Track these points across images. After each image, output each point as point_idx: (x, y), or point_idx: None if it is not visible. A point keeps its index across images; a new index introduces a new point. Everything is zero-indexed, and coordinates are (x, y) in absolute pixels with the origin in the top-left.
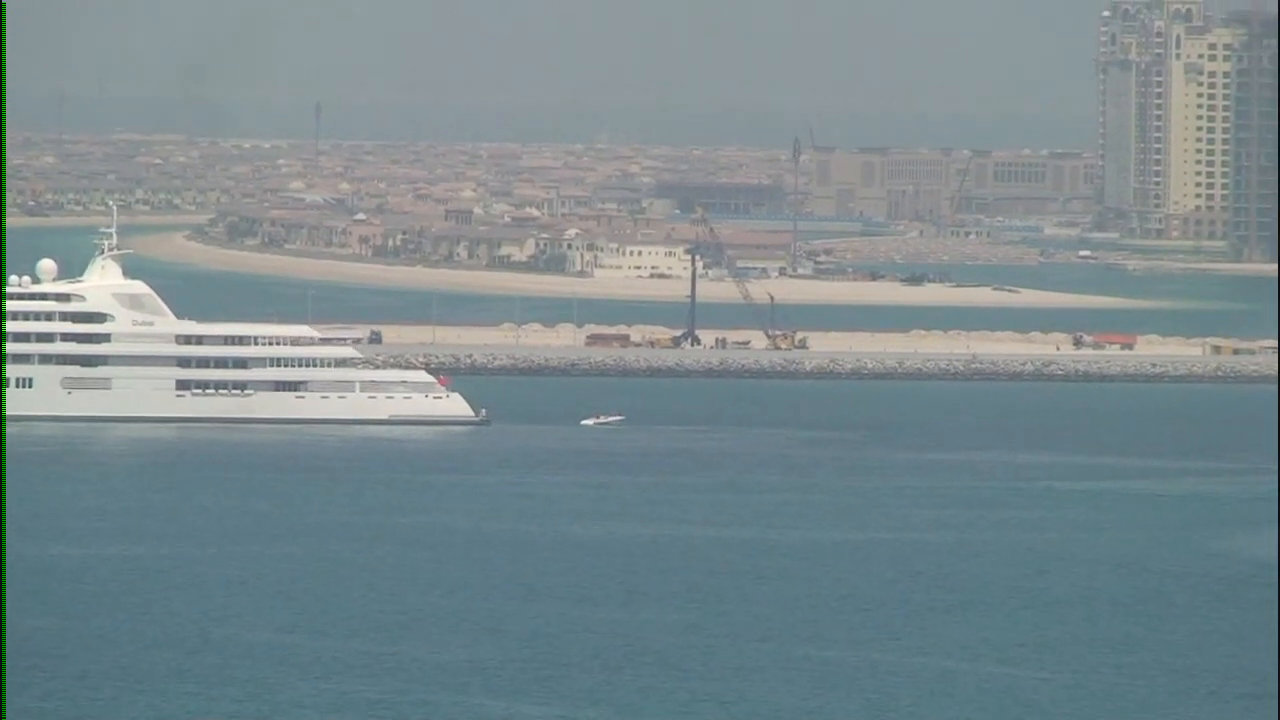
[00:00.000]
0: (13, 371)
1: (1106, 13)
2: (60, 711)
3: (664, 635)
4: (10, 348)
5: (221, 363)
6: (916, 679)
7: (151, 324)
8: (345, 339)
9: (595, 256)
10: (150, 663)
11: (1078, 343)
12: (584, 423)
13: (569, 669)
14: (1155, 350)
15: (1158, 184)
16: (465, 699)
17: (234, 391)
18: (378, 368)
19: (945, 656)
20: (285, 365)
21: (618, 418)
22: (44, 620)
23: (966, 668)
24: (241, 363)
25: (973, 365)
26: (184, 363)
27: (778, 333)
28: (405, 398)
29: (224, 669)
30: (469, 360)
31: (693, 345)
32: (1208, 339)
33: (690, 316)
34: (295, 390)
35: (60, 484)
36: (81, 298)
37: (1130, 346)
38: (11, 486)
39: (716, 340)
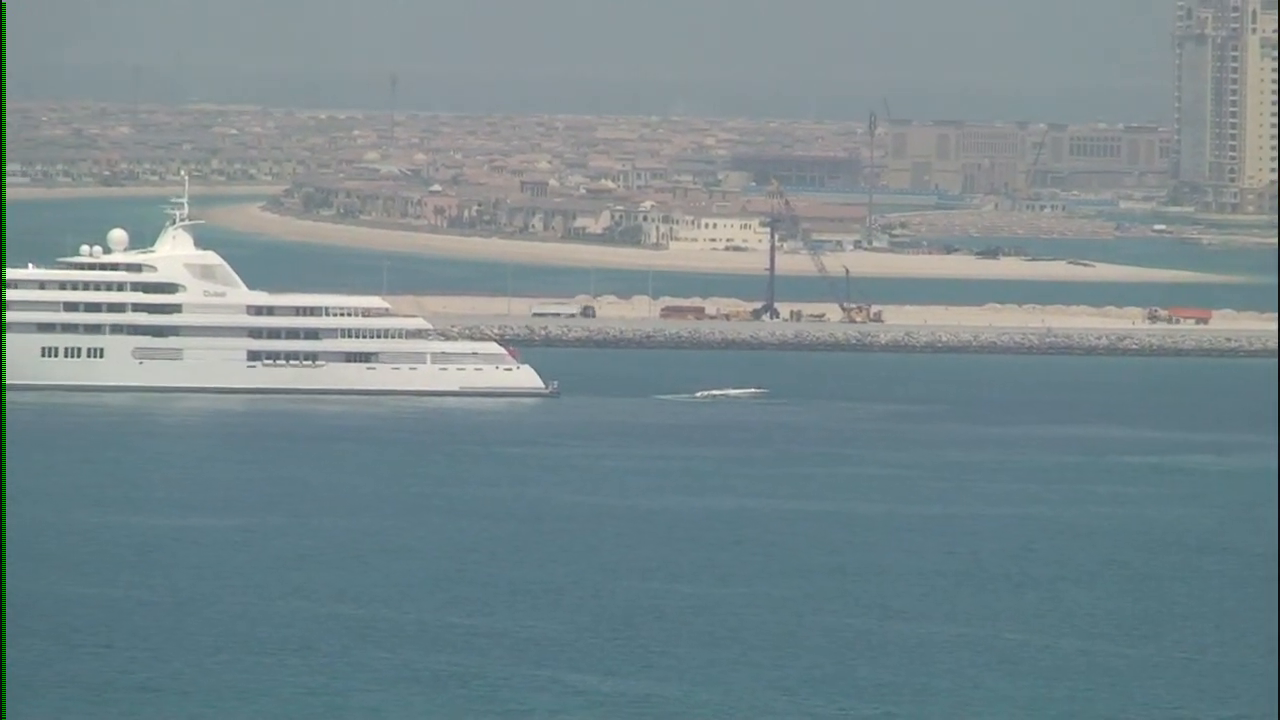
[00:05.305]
0: (84, 342)
1: None
2: (125, 681)
3: (747, 609)
4: (82, 317)
5: (293, 333)
6: (994, 652)
7: (223, 294)
8: (558, 313)
9: (670, 229)
10: (220, 633)
11: (1153, 317)
12: (698, 395)
13: (648, 643)
14: (1230, 325)
15: (1233, 158)
16: (545, 672)
17: (305, 362)
18: (449, 339)
19: (1026, 631)
20: (356, 336)
21: (753, 390)
22: (113, 590)
23: (1057, 643)
24: (313, 333)
25: (1047, 339)
26: (255, 333)
27: (852, 306)
28: (476, 369)
29: (297, 639)
30: (544, 332)
31: (771, 318)
32: None
33: (769, 289)
34: (366, 361)
35: (132, 454)
36: (153, 268)
37: (1205, 321)
38: (83, 457)
39: (791, 313)
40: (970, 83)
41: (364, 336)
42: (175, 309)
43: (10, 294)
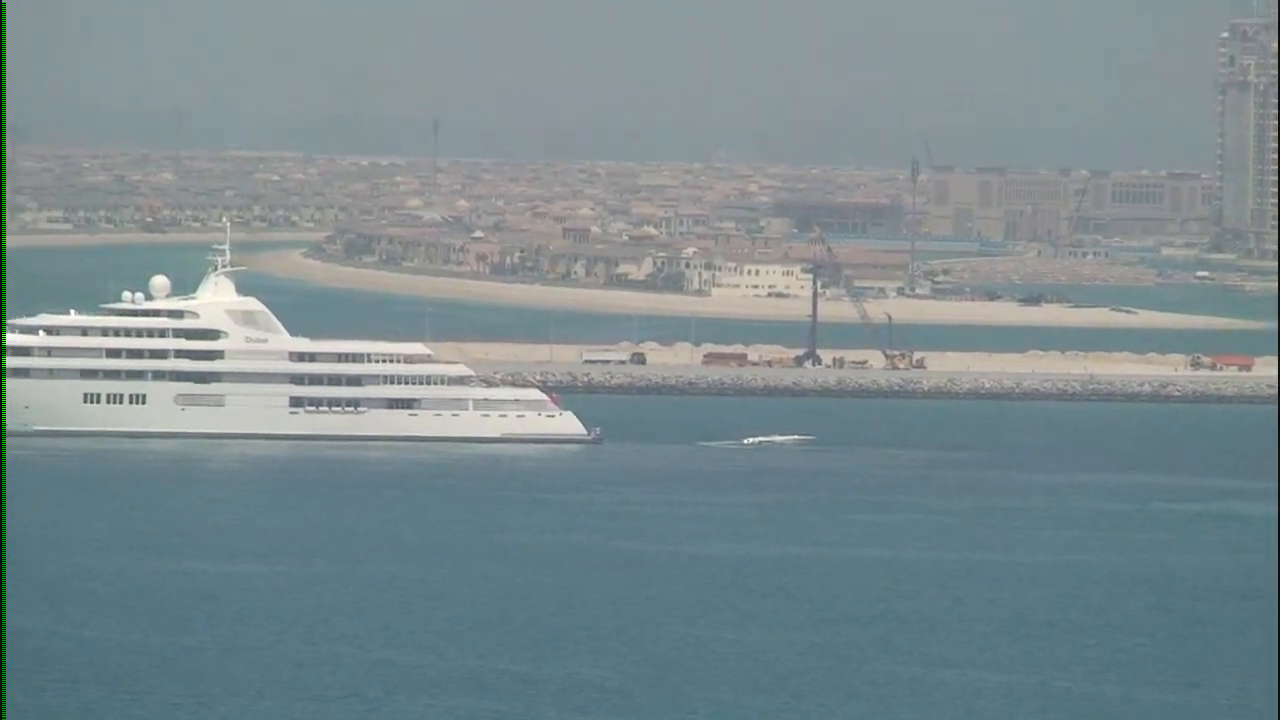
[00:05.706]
0: (126, 388)
1: (1225, 34)
2: None
3: (791, 656)
4: (124, 364)
5: (335, 380)
6: (1040, 699)
7: (265, 341)
8: (608, 360)
9: (713, 275)
10: (266, 679)
11: (1195, 364)
12: (745, 441)
13: (693, 689)
14: (1273, 371)
15: (1275, 205)
16: (591, 719)
17: (347, 409)
18: (491, 385)
19: (1071, 678)
20: (398, 383)
21: (799, 437)
22: (157, 636)
23: (1101, 690)
24: (355, 380)
25: (1090, 386)
26: (297, 380)
27: (895, 353)
28: (518, 416)
29: (342, 686)
30: (586, 379)
31: (814, 365)
32: None
33: (811, 336)
34: (408, 408)
35: (177, 500)
36: (195, 314)
37: (1248, 368)
38: (128, 503)
39: (834, 360)
40: (1012, 125)
41: (406, 383)
42: (217, 355)
43: (53, 340)
